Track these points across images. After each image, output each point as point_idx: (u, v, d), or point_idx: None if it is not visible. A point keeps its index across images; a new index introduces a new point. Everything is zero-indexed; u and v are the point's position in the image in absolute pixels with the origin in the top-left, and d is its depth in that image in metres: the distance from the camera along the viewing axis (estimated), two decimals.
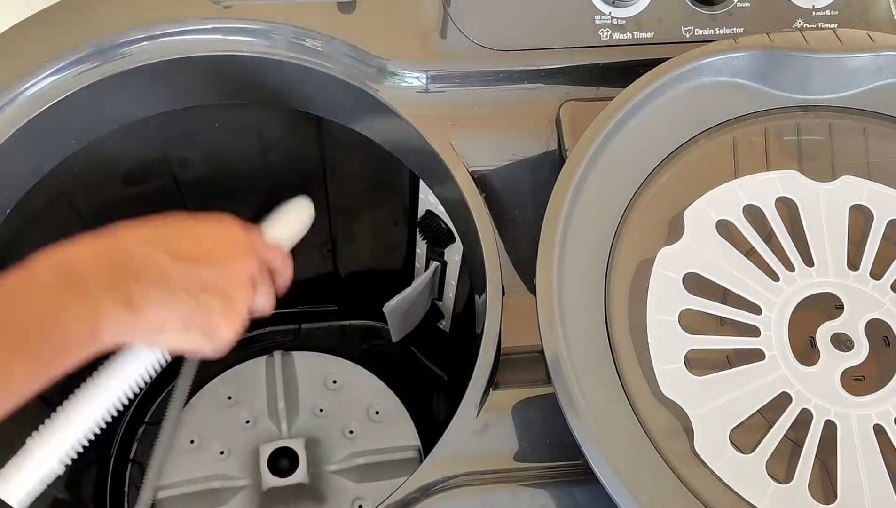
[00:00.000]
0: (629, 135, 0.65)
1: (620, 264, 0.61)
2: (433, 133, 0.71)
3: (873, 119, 0.67)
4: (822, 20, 0.75)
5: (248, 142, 0.88)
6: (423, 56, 0.74)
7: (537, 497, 0.59)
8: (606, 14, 0.74)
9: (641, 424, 0.56)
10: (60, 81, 0.71)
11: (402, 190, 0.94)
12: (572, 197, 0.61)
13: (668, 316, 0.58)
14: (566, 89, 0.74)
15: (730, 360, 0.58)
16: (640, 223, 0.62)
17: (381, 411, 1.07)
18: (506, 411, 0.62)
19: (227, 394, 1.08)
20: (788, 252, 0.61)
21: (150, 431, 1.08)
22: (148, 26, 0.73)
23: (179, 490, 1.00)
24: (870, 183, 0.63)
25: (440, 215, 0.89)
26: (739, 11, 0.75)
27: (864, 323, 0.58)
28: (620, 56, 0.74)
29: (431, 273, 0.95)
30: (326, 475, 1.02)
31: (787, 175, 0.63)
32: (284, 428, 1.04)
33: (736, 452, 0.55)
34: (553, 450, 0.60)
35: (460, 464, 0.60)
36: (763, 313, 0.59)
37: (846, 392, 0.56)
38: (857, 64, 0.66)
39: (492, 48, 0.74)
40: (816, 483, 0.55)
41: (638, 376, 0.57)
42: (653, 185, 0.64)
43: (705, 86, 0.67)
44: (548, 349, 0.56)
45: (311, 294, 1.14)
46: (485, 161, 0.71)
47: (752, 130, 0.66)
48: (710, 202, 0.62)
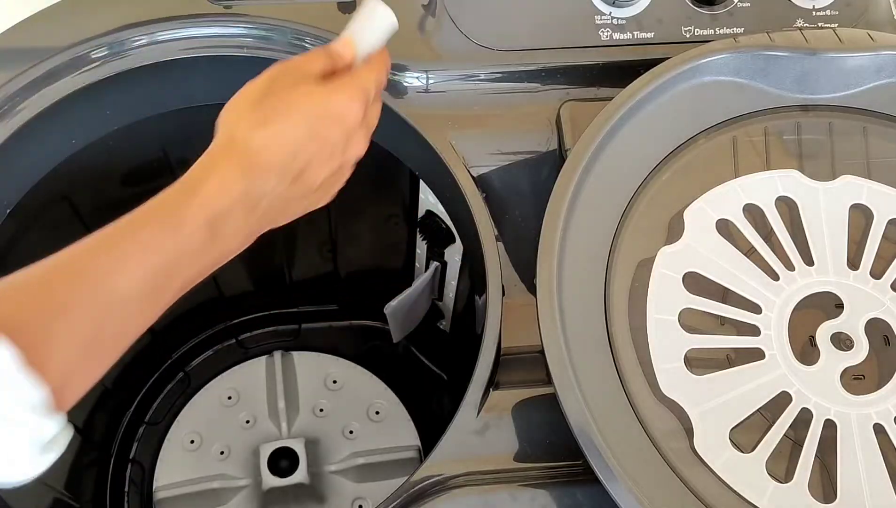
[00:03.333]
0: (629, 135, 0.65)
1: (620, 264, 0.61)
2: (433, 133, 0.71)
3: (873, 118, 0.67)
4: (822, 20, 0.76)
5: None
6: (423, 56, 0.74)
7: (537, 497, 0.59)
8: (607, 14, 0.74)
9: (641, 423, 0.56)
10: (60, 81, 0.71)
11: (402, 190, 0.94)
12: (572, 197, 0.61)
13: (668, 315, 0.58)
14: (566, 89, 0.74)
15: (730, 359, 0.58)
16: (640, 223, 0.62)
17: (381, 411, 1.07)
18: (506, 411, 0.62)
19: (227, 394, 1.08)
20: (788, 252, 0.61)
21: (150, 431, 1.08)
22: (148, 26, 0.73)
23: (179, 490, 1.00)
24: (870, 182, 0.63)
25: (440, 215, 0.89)
26: (740, 11, 0.75)
27: (864, 322, 0.58)
28: (620, 56, 0.74)
29: (431, 273, 0.95)
30: (326, 475, 1.02)
31: (787, 174, 0.63)
32: (284, 428, 1.04)
33: (736, 451, 0.55)
34: (553, 450, 0.60)
35: (460, 464, 0.60)
36: (763, 312, 0.59)
37: (846, 392, 0.56)
38: (857, 63, 0.66)
39: (492, 48, 0.74)
40: (816, 482, 0.55)
41: (638, 375, 0.57)
42: (653, 184, 0.64)
43: (705, 85, 0.67)
44: (548, 349, 0.56)
45: (311, 294, 1.14)
46: (485, 161, 0.71)
47: (752, 129, 0.66)
48: (710, 202, 0.62)
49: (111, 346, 0.45)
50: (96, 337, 0.44)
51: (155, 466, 1.04)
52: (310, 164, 0.52)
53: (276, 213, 0.53)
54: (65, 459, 0.96)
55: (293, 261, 1.10)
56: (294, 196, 0.53)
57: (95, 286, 0.44)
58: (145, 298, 0.46)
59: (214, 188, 0.49)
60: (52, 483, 0.92)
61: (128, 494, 1.04)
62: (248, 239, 0.52)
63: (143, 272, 0.45)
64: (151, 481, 1.03)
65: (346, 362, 1.11)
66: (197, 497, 1.00)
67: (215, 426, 1.05)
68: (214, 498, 1.00)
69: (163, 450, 1.05)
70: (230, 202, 0.49)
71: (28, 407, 0.39)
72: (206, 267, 0.49)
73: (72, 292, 0.43)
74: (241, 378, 1.09)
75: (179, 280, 0.48)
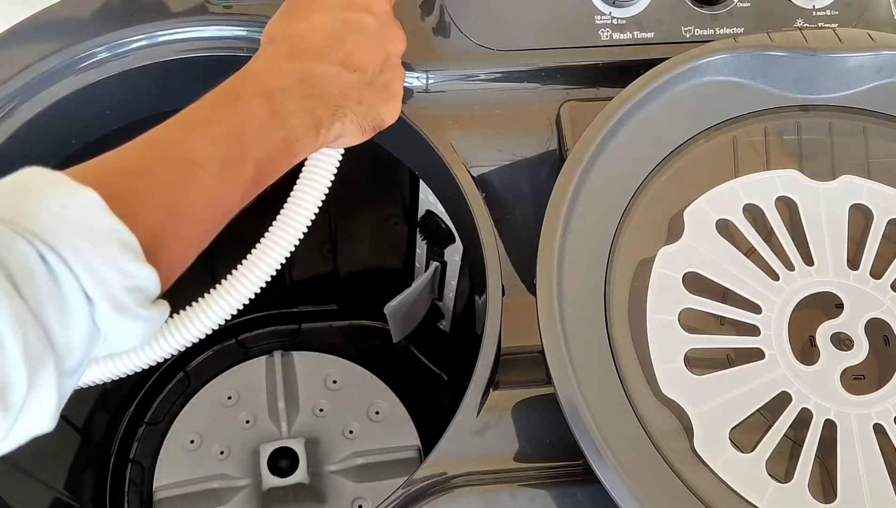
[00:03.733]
0: (629, 135, 0.65)
1: (620, 264, 0.61)
2: (433, 133, 0.71)
3: (873, 118, 0.67)
4: (822, 20, 0.76)
5: None
6: (423, 56, 0.74)
7: (537, 497, 0.59)
8: (607, 14, 0.74)
9: (641, 423, 0.56)
10: (60, 81, 0.71)
11: (402, 190, 0.94)
12: (572, 197, 0.61)
13: (668, 315, 0.58)
14: (566, 89, 0.74)
15: (730, 359, 0.58)
16: (640, 223, 0.62)
17: (381, 411, 1.07)
18: (506, 411, 0.62)
19: (227, 394, 1.08)
20: (788, 251, 0.61)
21: (150, 431, 1.08)
22: (148, 26, 0.73)
23: (179, 490, 1.00)
24: (870, 182, 0.63)
25: (440, 215, 0.89)
26: (740, 11, 0.75)
27: (863, 322, 0.58)
28: (620, 56, 0.74)
29: (431, 273, 0.95)
30: (326, 475, 1.02)
31: (787, 174, 0.63)
32: (284, 428, 1.04)
33: (736, 451, 0.55)
34: (553, 450, 0.60)
35: (460, 464, 0.60)
36: (763, 312, 0.59)
37: (846, 392, 0.56)
38: (857, 63, 0.66)
39: (492, 48, 0.74)
40: (816, 482, 0.55)
41: (638, 375, 0.57)
42: (653, 184, 0.64)
43: (705, 85, 0.67)
44: (548, 349, 0.56)
45: (311, 294, 1.14)
46: (485, 161, 0.71)
47: (752, 129, 0.66)
48: (710, 202, 0.62)
49: (198, 214, 0.47)
50: (178, 200, 0.46)
51: (155, 466, 1.04)
52: (353, 48, 0.56)
53: (337, 98, 0.55)
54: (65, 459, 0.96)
55: (293, 261, 1.10)
56: (350, 82, 0.56)
57: (168, 152, 0.47)
58: (219, 168, 0.48)
59: (262, 65, 0.53)
60: (52, 482, 0.92)
61: (128, 494, 1.04)
62: (315, 124, 0.54)
63: (210, 141, 0.48)
64: (151, 481, 1.03)
65: (346, 362, 1.11)
66: (197, 497, 1.00)
67: (215, 426, 1.05)
68: (214, 498, 1.01)
69: (163, 450, 1.05)
70: (280, 77, 0.52)
71: (117, 247, 0.40)
72: (275, 150, 0.52)
73: (145, 156, 0.47)
74: (241, 378, 1.09)
75: (252, 159, 0.50)
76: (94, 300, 0.39)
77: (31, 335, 0.37)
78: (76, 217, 0.40)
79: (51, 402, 0.38)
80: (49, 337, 0.38)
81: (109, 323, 0.40)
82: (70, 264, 0.39)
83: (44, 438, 0.41)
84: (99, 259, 0.39)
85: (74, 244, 0.39)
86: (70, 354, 0.39)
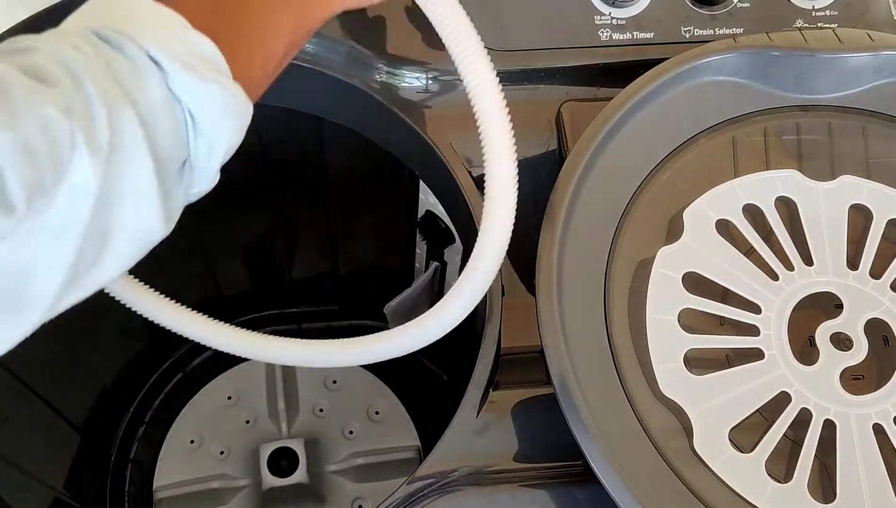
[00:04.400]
0: (629, 135, 0.65)
1: (620, 264, 0.61)
2: (433, 133, 0.71)
3: (873, 119, 0.67)
4: (822, 20, 0.75)
5: (247, 142, 0.88)
6: (423, 56, 0.74)
7: (537, 497, 0.59)
8: (606, 14, 0.74)
9: (641, 423, 0.56)
10: None
11: (402, 190, 0.94)
12: (572, 197, 0.61)
13: (667, 315, 0.58)
14: (566, 89, 0.74)
15: (729, 359, 0.58)
16: (640, 223, 0.62)
17: (381, 411, 1.07)
18: (506, 411, 0.62)
19: (227, 394, 1.08)
20: (788, 252, 0.61)
21: (150, 431, 1.08)
22: None
23: (179, 490, 1.00)
24: (869, 183, 0.63)
25: (440, 215, 0.89)
26: (739, 11, 0.75)
27: (863, 323, 0.58)
28: (620, 56, 0.74)
29: (431, 273, 0.95)
30: (326, 475, 1.02)
31: (786, 175, 0.64)
32: (284, 428, 1.04)
33: (735, 451, 0.55)
34: (553, 450, 0.60)
35: (460, 464, 0.60)
36: (762, 312, 0.59)
37: (845, 392, 0.56)
38: (856, 63, 0.66)
39: (492, 48, 0.74)
40: (815, 482, 0.55)
41: (638, 375, 0.57)
42: (652, 185, 0.64)
43: (705, 85, 0.67)
44: (548, 349, 0.56)
45: (311, 294, 1.14)
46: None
47: (751, 129, 0.66)
48: (710, 202, 0.62)
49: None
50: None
51: (155, 466, 1.04)
52: None
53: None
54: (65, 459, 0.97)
55: (293, 261, 1.11)
56: None
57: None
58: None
59: None
60: (52, 482, 0.92)
61: (128, 494, 1.04)
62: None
63: None
64: (151, 481, 1.03)
65: None
66: (197, 497, 1.00)
67: (215, 426, 1.06)
68: (214, 498, 1.01)
69: (163, 450, 1.05)
70: None
71: (179, 25, 0.42)
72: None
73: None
74: (241, 378, 1.09)
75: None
76: (162, 65, 0.40)
77: (105, 83, 0.38)
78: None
79: (144, 162, 0.38)
80: (127, 95, 0.39)
81: (183, 85, 0.41)
82: (134, 37, 0.40)
83: (44, 438, 0.41)
84: (161, 29, 0.41)
85: (138, 20, 0.41)
86: (154, 123, 0.39)
